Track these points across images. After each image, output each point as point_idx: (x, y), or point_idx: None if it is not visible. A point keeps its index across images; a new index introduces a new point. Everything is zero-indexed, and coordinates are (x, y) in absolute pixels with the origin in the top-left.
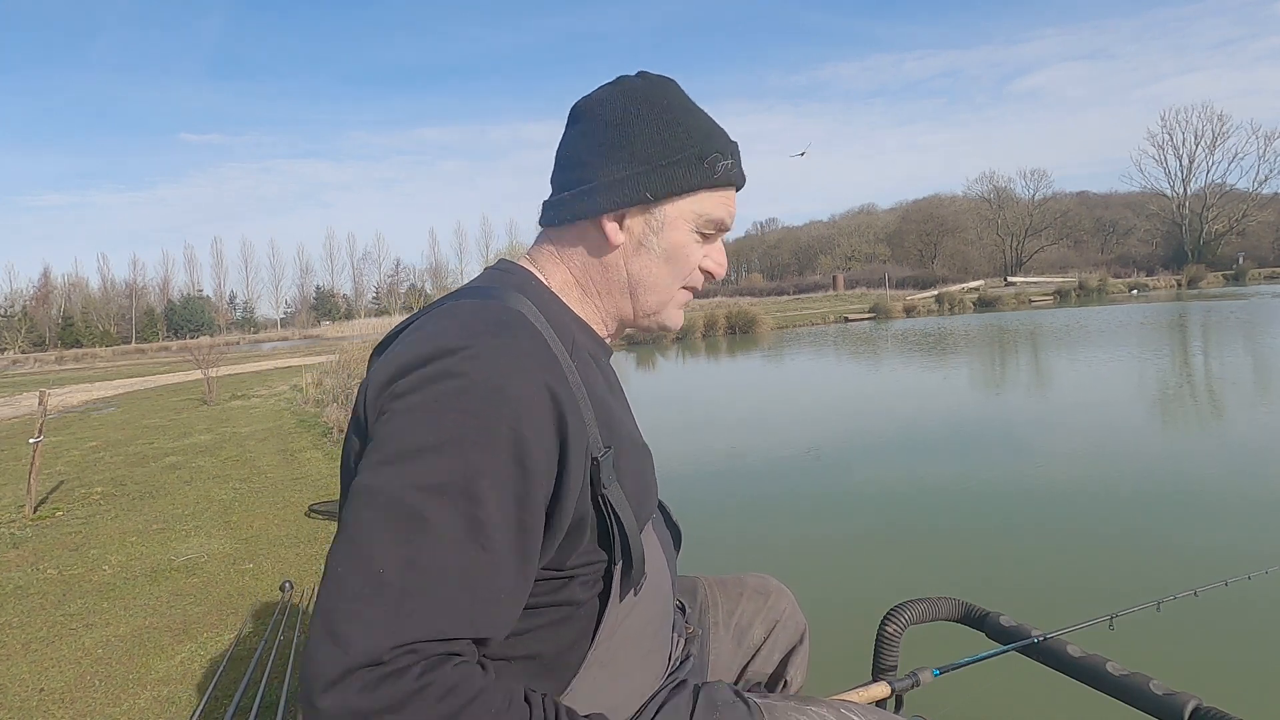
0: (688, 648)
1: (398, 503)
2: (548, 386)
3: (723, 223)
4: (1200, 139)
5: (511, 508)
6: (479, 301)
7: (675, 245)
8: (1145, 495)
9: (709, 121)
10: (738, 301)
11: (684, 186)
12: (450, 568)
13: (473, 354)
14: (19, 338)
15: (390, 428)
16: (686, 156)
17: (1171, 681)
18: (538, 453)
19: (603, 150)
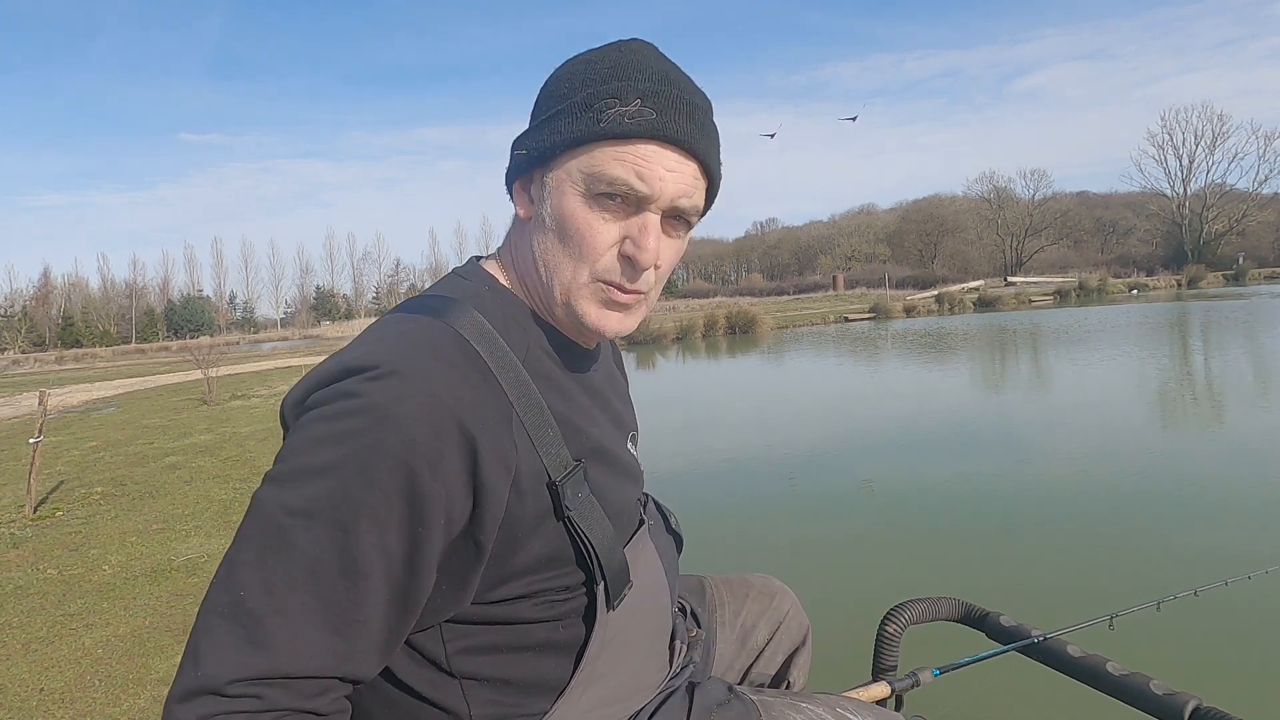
0: (689, 654)
1: (269, 521)
2: (456, 418)
3: (627, 183)
4: (1200, 139)
5: (393, 543)
6: (413, 318)
7: (565, 215)
8: (1145, 495)
9: (631, 68)
10: (738, 301)
11: (560, 141)
12: (308, 599)
13: (377, 376)
14: (19, 338)
15: (287, 444)
16: (569, 105)
17: (1171, 681)
18: (433, 487)
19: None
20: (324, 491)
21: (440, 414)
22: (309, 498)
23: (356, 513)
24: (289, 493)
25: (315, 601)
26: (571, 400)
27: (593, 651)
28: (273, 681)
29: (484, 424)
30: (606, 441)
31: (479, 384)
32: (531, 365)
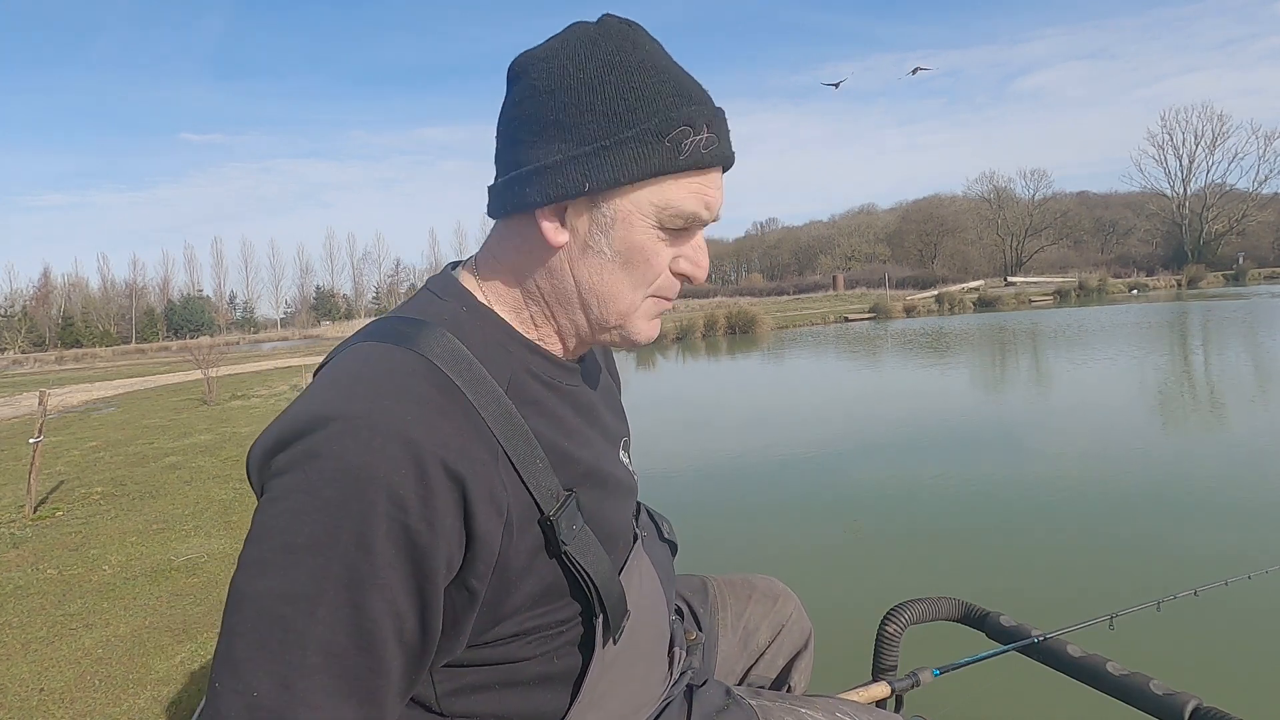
0: (689, 660)
1: (266, 613)
2: (439, 460)
3: (697, 216)
4: (1200, 139)
5: (402, 605)
6: (380, 349)
7: (632, 247)
8: (1145, 495)
9: (679, 82)
10: (738, 301)
11: (636, 172)
12: (329, 681)
13: (344, 429)
14: (19, 338)
15: (260, 518)
16: (640, 133)
17: (1171, 681)
18: (431, 540)
19: (537, 125)
20: (320, 569)
21: (422, 459)
22: (306, 579)
23: (361, 585)
24: (280, 578)
25: (337, 682)
26: (560, 423)
27: (591, 680)
28: None
29: (470, 463)
30: (599, 461)
31: (460, 420)
32: (516, 391)
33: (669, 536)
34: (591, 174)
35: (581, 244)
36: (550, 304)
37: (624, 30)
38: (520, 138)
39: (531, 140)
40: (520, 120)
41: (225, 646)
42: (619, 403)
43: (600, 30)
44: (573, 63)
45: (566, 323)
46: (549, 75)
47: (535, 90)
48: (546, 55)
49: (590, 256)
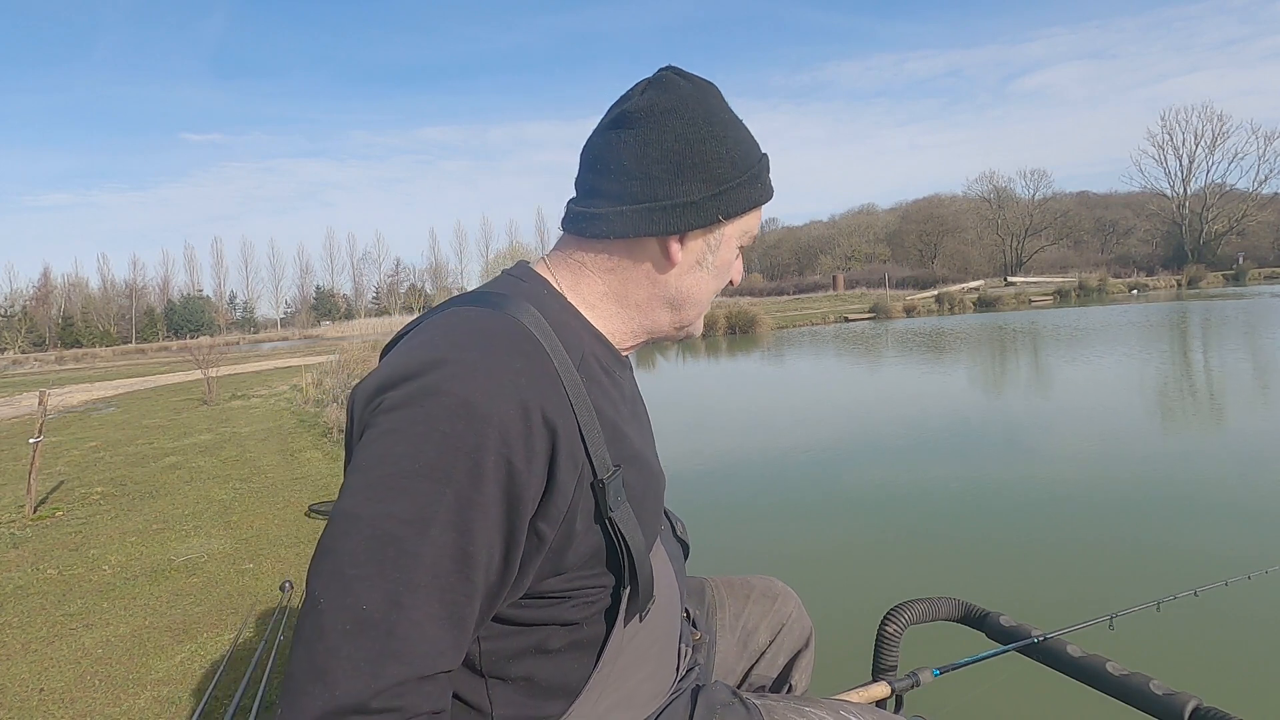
0: (694, 656)
1: (382, 534)
2: (540, 409)
3: (756, 235)
4: (1200, 139)
5: (496, 538)
6: (481, 310)
7: (725, 262)
8: (1145, 495)
9: (750, 133)
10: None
11: (747, 206)
12: (433, 602)
13: (460, 370)
14: (19, 338)
15: (375, 449)
16: (750, 176)
17: (1171, 681)
18: (528, 479)
19: (675, 166)
20: (436, 495)
21: (528, 404)
22: (423, 503)
23: (469, 513)
24: (397, 501)
25: (439, 604)
26: (616, 406)
27: (608, 656)
28: (408, 685)
29: (560, 417)
30: (643, 448)
31: (552, 379)
32: (584, 369)
33: (682, 536)
34: (724, 209)
35: (692, 261)
36: (640, 306)
37: (715, 89)
38: (653, 174)
39: (667, 178)
40: (652, 159)
41: (332, 565)
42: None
43: (699, 89)
44: (702, 118)
45: (649, 323)
46: (680, 125)
47: (671, 136)
48: (670, 107)
49: (697, 271)
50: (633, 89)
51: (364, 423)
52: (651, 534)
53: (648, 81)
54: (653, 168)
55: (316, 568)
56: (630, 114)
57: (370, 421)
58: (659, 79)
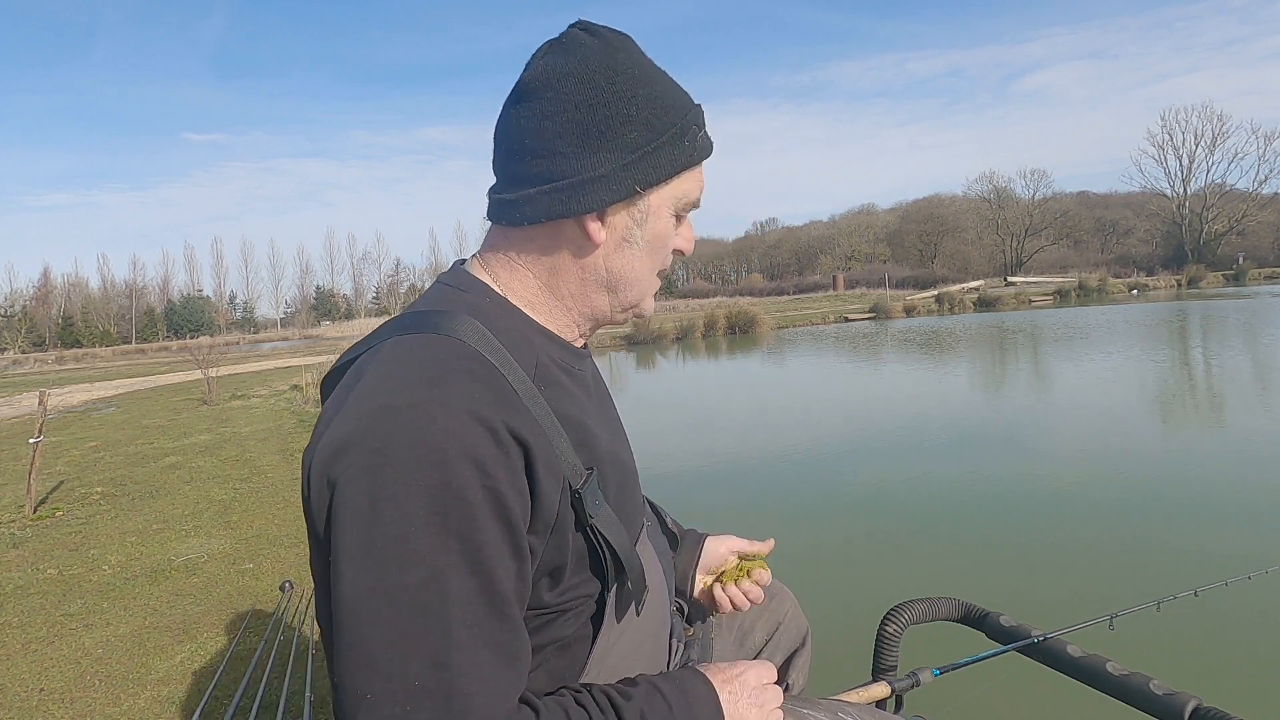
0: (686, 653)
1: (404, 606)
2: (505, 426)
3: (698, 201)
4: (1200, 139)
5: (512, 565)
6: (421, 337)
7: (657, 235)
8: (1145, 495)
9: (676, 86)
10: (738, 301)
11: (670, 171)
12: (484, 651)
13: (416, 415)
14: (19, 338)
15: (357, 526)
16: (671, 136)
17: (1171, 681)
18: (516, 500)
19: (579, 138)
20: (440, 548)
21: (493, 426)
22: (430, 562)
23: (479, 553)
24: (403, 570)
25: (486, 650)
26: (581, 405)
27: (596, 657)
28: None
29: (527, 430)
30: (613, 443)
31: (509, 393)
32: (540, 375)
33: (672, 528)
34: (640, 178)
35: (618, 239)
36: (575, 295)
37: (626, 42)
38: (559, 149)
39: (573, 153)
40: (556, 132)
41: (362, 656)
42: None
43: (606, 44)
44: (604, 78)
45: (588, 310)
46: (583, 90)
47: (573, 105)
48: (571, 71)
49: (626, 249)
50: (535, 53)
51: (325, 495)
52: (634, 527)
53: (550, 43)
54: (556, 142)
55: (346, 666)
56: (527, 84)
57: (338, 496)
58: (561, 39)
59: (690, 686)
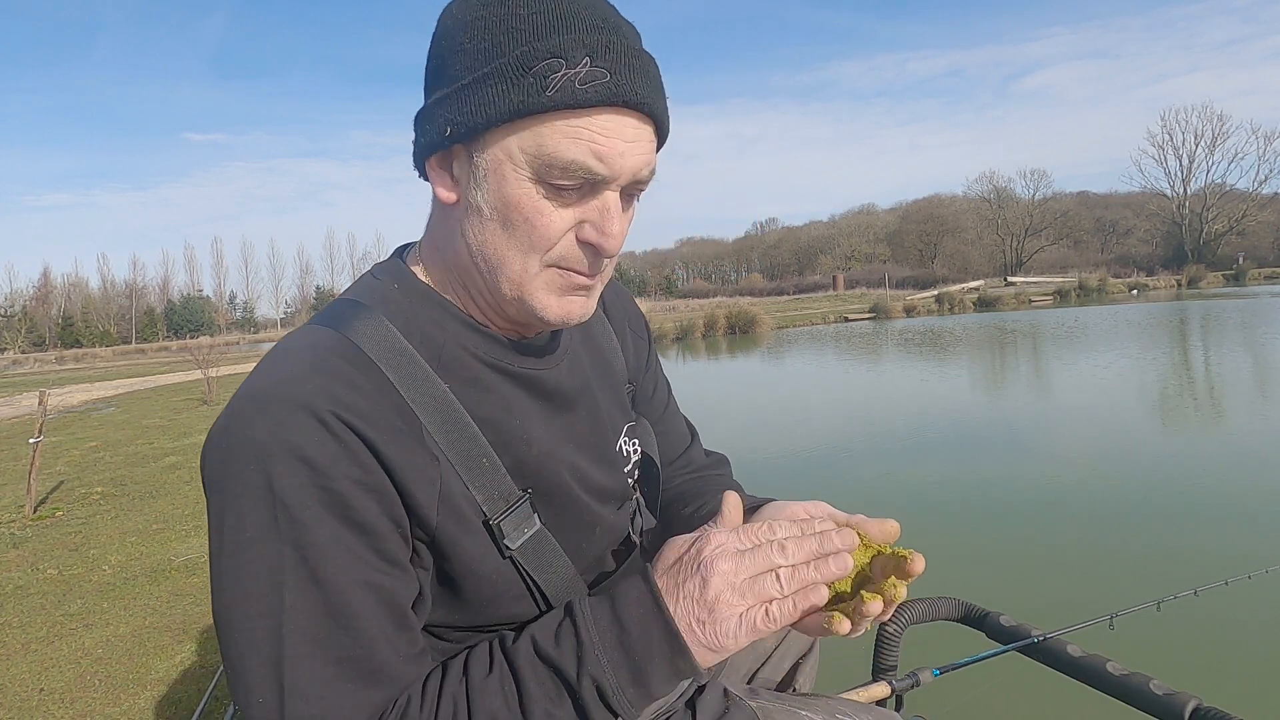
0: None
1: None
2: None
3: (584, 167)
4: (1200, 139)
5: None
6: (305, 331)
7: (507, 203)
8: (1145, 495)
9: (563, 11)
10: (738, 301)
11: (493, 113)
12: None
13: (247, 411)
14: (19, 338)
15: (211, 531)
16: (499, 67)
17: (1171, 681)
18: (361, 497)
19: (429, 74)
20: (272, 558)
21: (323, 418)
22: (262, 572)
23: (315, 560)
24: (238, 581)
25: (329, 665)
26: (508, 403)
27: None
28: None
29: (375, 425)
30: (565, 452)
31: (371, 392)
32: (449, 369)
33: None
34: (452, 117)
35: (464, 201)
36: (459, 273)
37: None
38: (425, 92)
39: (427, 91)
40: (425, 72)
41: (226, 665)
42: (619, 383)
43: None
44: (460, 5)
45: (477, 294)
46: (442, 22)
47: (434, 39)
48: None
49: (472, 215)
50: None
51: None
52: (597, 550)
53: None
54: (425, 78)
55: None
56: None
57: (207, 483)
58: None
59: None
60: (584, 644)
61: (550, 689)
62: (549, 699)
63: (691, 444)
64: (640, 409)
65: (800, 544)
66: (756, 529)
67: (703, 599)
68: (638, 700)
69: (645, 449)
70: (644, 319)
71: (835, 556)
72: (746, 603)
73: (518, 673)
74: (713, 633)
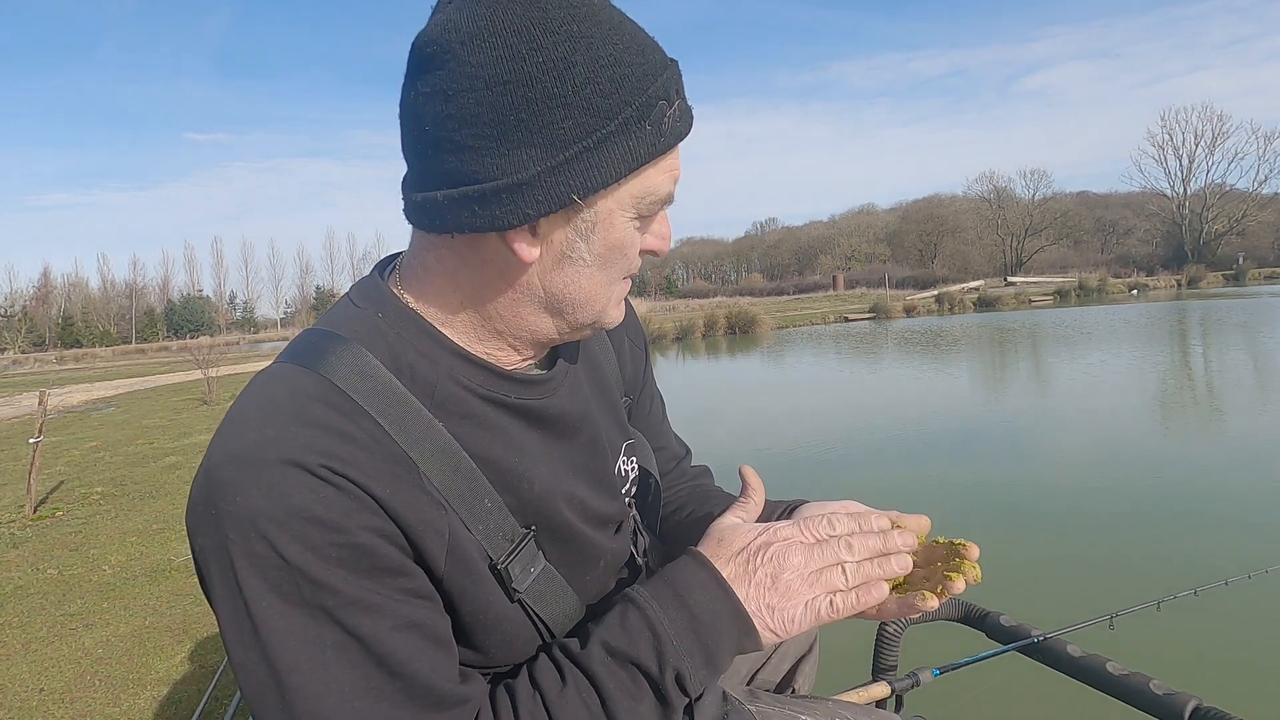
0: None
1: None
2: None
3: (671, 195)
4: (1200, 139)
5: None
6: (286, 372)
7: (613, 245)
8: (1145, 495)
9: (642, 47)
10: (738, 301)
11: (624, 169)
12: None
13: (233, 473)
14: (19, 338)
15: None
16: (624, 121)
17: (1171, 681)
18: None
19: (492, 128)
20: (305, 624)
21: (317, 472)
22: (298, 640)
23: (348, 617)
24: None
25: (396, 710)
26: (507, 438)
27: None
28: None
29: (388, 480)
30: (566, 483)
31: (363, 441)
32: (443, 406)
33: None
34: (577, 184)
35: (557, 255)
36: (505, 317)
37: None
38: (464, 142)
39: (484, 147)
40: (460, 119)
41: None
42: (615, 402)
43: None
44: (526, 40)
45: (527, 334)
46: (498, 59)
47: (480, 81)
48: (480, 30)
49: (567, 266)
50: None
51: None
52: (601, 578)
53: None
54: (462, 133)
55: None
56: (425, 47)
57: (198, 547)
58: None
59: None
60: (661, 637)
61: (630, 688)
62: (630, 697)
63: (685, 458)
64: (637, 423)
65: (864, 540)
66: (817, 524)
67: (774, 587)
68: (709, 679)
69: (643, 465)
70: (642, 330)
71: (897, 556)
72: (814, 592)
73: (594, 678)
74: (780, 618)
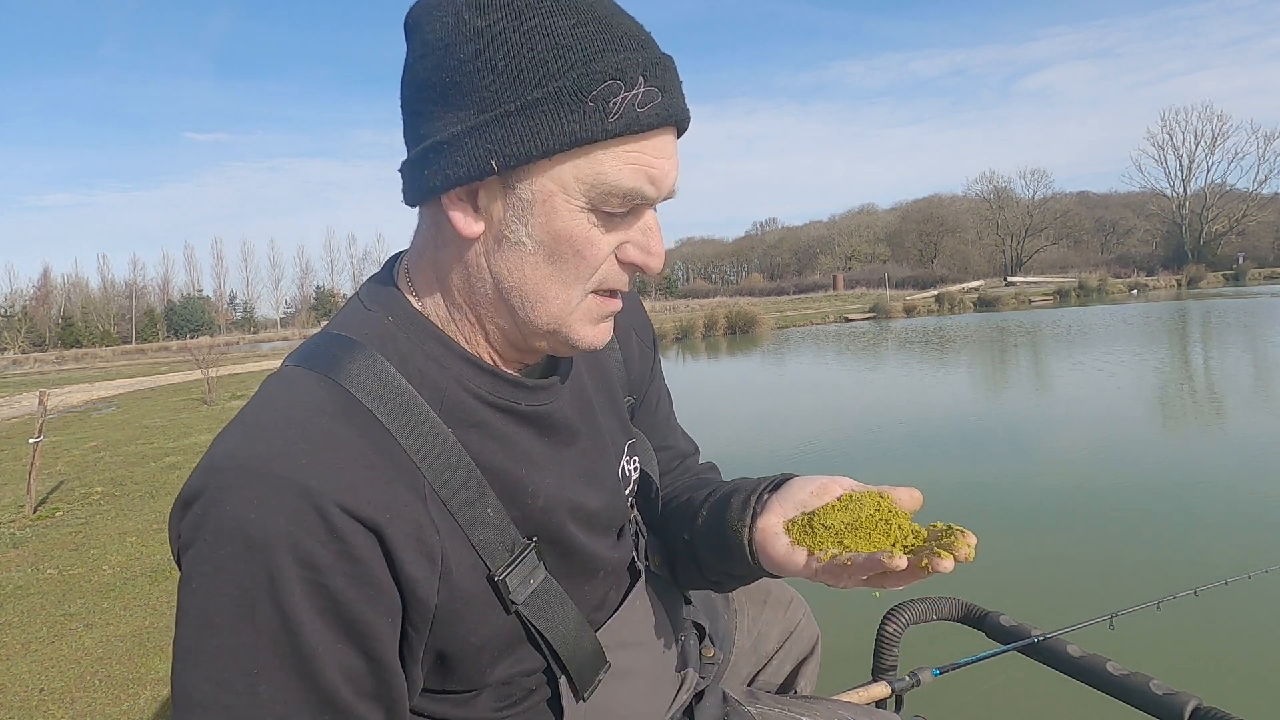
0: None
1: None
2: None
3: (639, 194)
4: (1200, 139)
5: (353, 663)
6: (299, 377)
7: (557, 235)
8: (1145, 495)
9: (605, 23)
10: (738, 301)
11: (552, 143)
12: None
13: (235, 480)
14: (19, 338)
15: (180, 598)
16: (554, 91)
17: (1171, 681)
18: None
19: (434, 89)
20: (247, 648)
21: (325, 509)
22: (237, 660)
23: (296, 655)
24: (211, 664)
25: None
26: (514, 448)
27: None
28: None
29: (384, 507)
30: (571, 491)
31: (374, 459)
32: (452, 414)
33: None
34: (497, 148)
35: (497, 234)
36: (470, 306)
37: None
38: (419, 107)
39: (430, 110)
40: (418, 84)
41: None
42: (618, 401)
43: None
44: (470, 7)
45: (493, 329)
46: (443, 26)
47: (430, 46)
48: (441, 1)
49: (507, 249)
50: None
51: (175, 546)
52: (600, 589)
53: None
54: (416, 95)
55: None
56: (407, 19)
57: (179, 553)
58: None
59: None
60: None
61: None
62: None
63: (692, 455)
64: (643, 422)
65: None
66: None
67: None
68: None
69: (644, 466)
70: (651, 326)
71: None
72: None
73: None
74: None
